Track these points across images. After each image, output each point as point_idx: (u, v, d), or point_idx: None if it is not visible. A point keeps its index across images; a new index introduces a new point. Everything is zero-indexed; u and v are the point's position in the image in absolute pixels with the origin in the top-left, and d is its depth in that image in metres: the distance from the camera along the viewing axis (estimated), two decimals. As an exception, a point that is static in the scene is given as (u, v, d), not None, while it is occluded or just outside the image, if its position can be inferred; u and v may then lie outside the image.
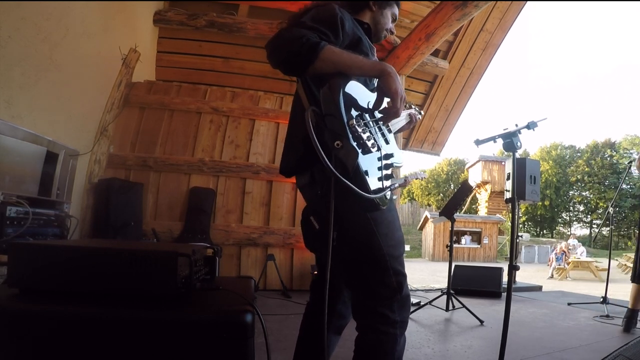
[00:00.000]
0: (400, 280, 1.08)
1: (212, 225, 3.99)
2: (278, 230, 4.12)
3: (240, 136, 4.30)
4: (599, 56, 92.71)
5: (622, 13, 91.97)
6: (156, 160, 4.03)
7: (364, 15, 1.27)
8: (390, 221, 1.10)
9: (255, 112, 4.37)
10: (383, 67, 0.97)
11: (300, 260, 4.15)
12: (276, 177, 4.17)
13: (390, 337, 1.05)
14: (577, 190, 29.62)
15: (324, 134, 0.89)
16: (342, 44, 1.04)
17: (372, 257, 1.06)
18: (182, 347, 0.79)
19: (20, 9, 2.39)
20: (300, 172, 1.14)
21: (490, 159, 20.61)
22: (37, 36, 2.59)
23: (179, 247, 1.05)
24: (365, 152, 0.93)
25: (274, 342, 2.14)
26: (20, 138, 2.23)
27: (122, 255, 0.87)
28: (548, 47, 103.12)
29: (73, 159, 2.79)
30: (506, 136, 1.87)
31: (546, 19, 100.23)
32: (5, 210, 1.94)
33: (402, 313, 1.08)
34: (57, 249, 0.90)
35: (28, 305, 0.81)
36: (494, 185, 20.34)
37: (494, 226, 17.39)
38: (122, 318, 0.80)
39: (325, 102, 0.92)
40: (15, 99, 2.42)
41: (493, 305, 3.96)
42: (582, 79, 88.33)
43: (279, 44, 0.95)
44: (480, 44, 5.29)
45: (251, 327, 0.82)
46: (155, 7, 4.65)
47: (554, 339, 2.66)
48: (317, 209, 1.10)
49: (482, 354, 2.28)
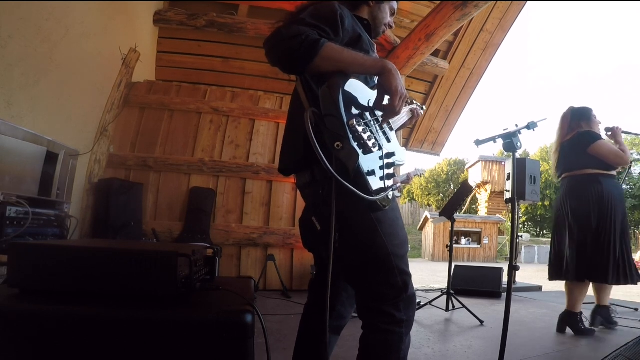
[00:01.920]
0: (405, 280, 1.07)
1: (212, 226, 3.98)
2: (278, 230, 4.12)
3: (240, 136, 4.30)
4: (599, 56, 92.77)
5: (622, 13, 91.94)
6: (156, 160, 4.03)
7: (362, 11, 1.25)
8: (394, 220, 1.09)
9: (255, 112, 4.37)
10: (384, 64, 0.96)
11: (300, 260, 4.15)
12: (276, 177, 4.17)
13: (396, 336, 1.05)
14: (577, 190, 29.55)
15: (324, 135, 0.88)
16: (342, 41, 1.02)
17: (377, 257, 1.05)
18: (182, 347, 0.79)
19: (20, 9, 2.39)
20: (300, 171, 1.12)
21: (490, 159, 20.60)
22: (37, 36, 2.58)
23: (179, 247, 1.05)
24: (366, 152, 0.92)
25: (274, 342, 2.14)
26: (20, 138, 2.23)
27: (122, 256, 0.86)
28: (548, 47, 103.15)
29: (73, 159, 2.79)
30: (506, 136, 1.87)
31: (546, 19, 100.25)
32: (5, 210, 1.94)
33: (408, 312, 1.07)
34: (57, 249, 0.89)
35: (28, 305, 0.81)
36: (494, 186, 20.33)
37: (494, 226, 17.37)
38: (122, 318, 0.79)
39: (325, 101, 0.91)
40: (15, 99, 2.42)
41: (493, 305, 3.96)
42: (582, 79, 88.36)
43: (278, 42, 0.93)
44: (480, 44, 5.29)
45: (251, 327, 0.82)
46: (155, 7, 4.65)
47: (554, 339, 2.65)
48: (319, 209, 1.09)
49: (482, 354, 2.28)
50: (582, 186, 2.75)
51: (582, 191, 2.74)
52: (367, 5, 1.25)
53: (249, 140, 4.31)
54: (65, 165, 2.66)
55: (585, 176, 2.76)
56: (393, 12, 1.33)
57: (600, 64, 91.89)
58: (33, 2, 2.49)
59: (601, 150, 2.72)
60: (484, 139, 2.04)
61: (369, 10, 1.26)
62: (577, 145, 2.81)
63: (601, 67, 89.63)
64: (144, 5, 4.48)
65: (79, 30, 3.08)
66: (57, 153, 2.58)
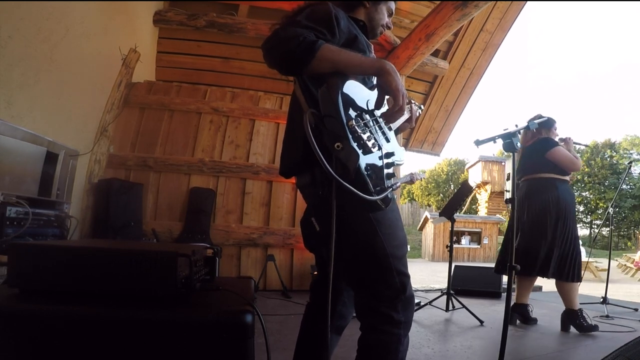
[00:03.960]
0: (403, 281, 1.07)
1: (212, 226, 3.99)
2: (278, 230, 4.12)
3: (240, 136, 4.30)
4: (599, 56, 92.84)
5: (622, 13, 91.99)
6: (156, 160, 4.03)
7: (358, 12, 1.24)
8: (393, 221, 1.09)
9: (255, 112, 4.37)
10: (382, 64, 0.96)
11: (300, 260, 4.15)
12: (276, 177, 4.17)
13: (394, 337, 1.04)
14: (577, 190, 29.60)
15: (324, 136, 0.88)
16: (338, 42, 1.02)
17: (375, 257, 1.05)
18: (182, 347, 0.79)
19: (20, 9, 2.39)
20: (300, 172, 1.12)
21: (490, 159, 20.60)
22: (37, 36, 2.58)
23: (179, 247, 1.05)
24: (366, 153, 0.92)
25: (274, 342, 2.14)
26: (20, 138, 2.23)
27: (122, 256, 0.86)
28: (548, 47, 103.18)
29: (73, 159, 2.79)
30: (506, 137, 1.87)
31: (546, 19, 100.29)
32: (5, 210, 1.94)
33: (406, 313, 1.07)
34: (57, 249, 0.89)
35: (28, 305, 0.81)
36: (493, 186, 20.33)
37: (494, 226, 17.38)
38: (122, 318, 0.79)
39: (324, 102, 0.90)
40: (15, 99, 2.42)
41: (493, 305, 3.96)
42: (582, 78, 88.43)
43: (275, 44, 0.93)
44: (480, 44, 5.29)
45: (251, 327, 0.82)
46: (155, 8, 4.65)
47: (554, 339, 2.66)
48: (319, 209, 1.09)
49: (482, 354, 2.27)
50: (540, 189, 2.93)
51: (540, 194, 2.91)
52: (363, 6, 1.24)
53: (249, 141, 4.31)
54: (65, 165, 2.66)
55: (542, 180, 2.94)
56: (391, 13, 1.32)
57: (600, 63, 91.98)
58: (33, 2, 2.49)
59: (557, 155, 2.91)
60: (484, 139, 2.04)
61: (365, 12, 1.25)
62: (537, 150, 2.99)
63: (601, 66, 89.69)
64: (144, 5, 4.48)
65: (79, 30, 3.08)
66: (57, 153, 2.58)
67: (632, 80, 73.23)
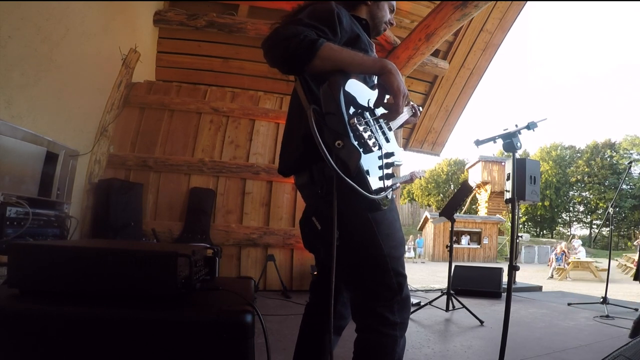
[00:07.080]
0: (400, 282, 1.06)
1: (212, 226, 3.98)
2: (278, 230, 4.12)
3: (240, 136, 4.30)
4: (599, 56, 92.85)
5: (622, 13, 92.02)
6: (156, 160, 4.03)
7: (360, 11, 1.23)
8: (392, 222, 1.08)
9: (255, 112, 4.37)
10: (384, 63, 0.95)
11: (300, 260, 4.15)
12: (276, 177, 4.17)
13: (390, 338, 1.04)
14: (577, 190, 29.62)
15: (325, 134, 0.87)
16: (340, 41, 1.01)
17: (373, 257, 1.04)
18: (182, 347, 0.79)
19: (20, 9, 2.39)
20: (298, 171, 1.11)
21: (490, 159, 20.62)
22: (37, 36, 2.59)
23: (179, 247, 1.05)
24: (367, 152, 0.92)
25: (274, 342, 2.14)
26: (20, 138, 2.23)
27: (122, 256, 0.86)
28: (548, 47, 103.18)
29: (73, 159, 2.79)
30: (506, 137, 1.87)
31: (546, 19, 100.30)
32: (5, 210, 1.94)
33: (403, 314, 1.06)
34: (57, 249, 0.89)
35: (28, 305, 0.81)
36: (494, 186, 20.34)
37: (494, 226, 17.39)
38: (122, 318, 0.79)
39: (326, 100, 0.90)
40: (15, 99, 2.42)
41: (493, 305, 3.96)
42: (582, 79, 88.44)
43: (276, 42, 0.92)
44: (480, 44, 5.29)
45: (251, 327, 0.82)
46: (155, 7, 4.65)
47: (554, 339, 2.66)
48: (319, 209, 1.08)
49: (482, 354, 2.27)
50: None
51: None
52: (365, 4, 1.23)
53: (249, 141, 4.31)
54: (65, 165, 2.67)
55: None
56: (392, 9, 1.31)
57: (600, 64, 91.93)
58: (33, 2, 2.49)
59: None
60: (484, 139, 2.04)
61: (368, 10, 1.24)
62: None
63: (601, 67, 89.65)
64: (144, 5, 4.48)
65: (79, 30, 3.08)
66: (57, 153, 2.58)
67: (632, 81, 73.24)
